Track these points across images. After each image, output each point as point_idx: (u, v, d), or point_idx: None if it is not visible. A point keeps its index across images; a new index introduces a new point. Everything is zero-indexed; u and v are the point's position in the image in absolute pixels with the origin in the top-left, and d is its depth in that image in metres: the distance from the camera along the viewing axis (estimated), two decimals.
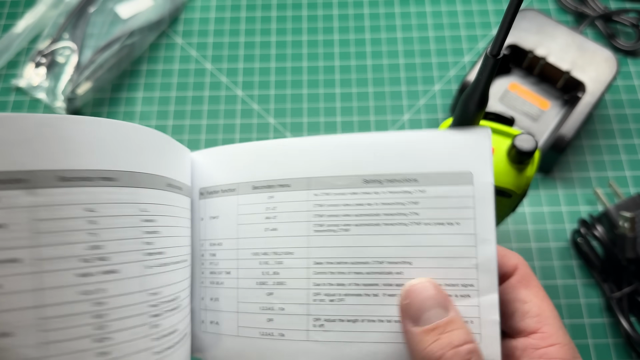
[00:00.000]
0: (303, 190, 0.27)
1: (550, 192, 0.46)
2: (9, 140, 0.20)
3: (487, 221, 0.25)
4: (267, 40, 0.54)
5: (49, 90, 0.51)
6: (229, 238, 0.29)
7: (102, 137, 0.23)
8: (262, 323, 0.27)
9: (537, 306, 0.22)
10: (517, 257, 0.24)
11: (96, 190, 0.22)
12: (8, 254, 0.19)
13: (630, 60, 0.51)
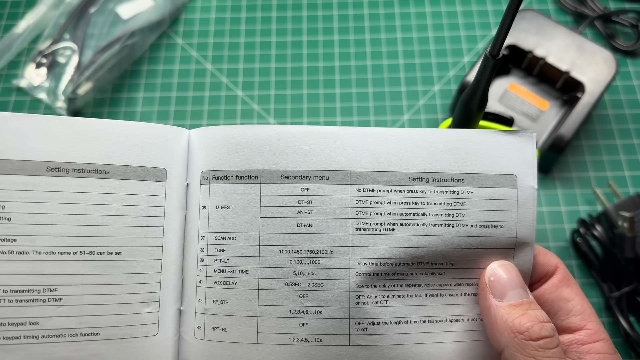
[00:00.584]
0: (344, 184, 0.25)
1: (549, 192, 0.47)
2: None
3: (528, 225, 0.25)
4: (268, 41, 0.54)
5: (49, 91, 0.51)
6: (248, 232, 0.26)
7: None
8: (294, 328, 0.25)
9: (580, 304, 0.23)
10: (556, 258, 0.25)
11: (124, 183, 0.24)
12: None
13: (629, 60, 0.52)
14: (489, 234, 0.25)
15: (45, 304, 0.24)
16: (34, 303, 0.23)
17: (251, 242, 0.26)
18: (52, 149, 0.24)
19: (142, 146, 0.26)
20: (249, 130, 0.26)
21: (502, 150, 0.26)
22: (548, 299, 0.23)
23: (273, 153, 0.26)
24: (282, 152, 0.26)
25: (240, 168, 0.26)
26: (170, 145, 0.26)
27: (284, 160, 0.26)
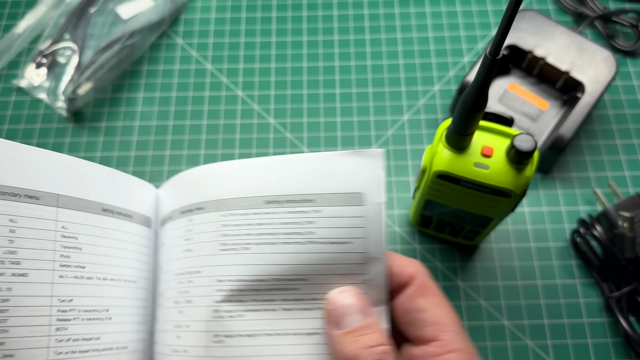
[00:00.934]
0: (214, 211, 0.28)
1: (549, 192, 0.47)
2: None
3: (377, 240, 0.26)
4: (268, 41, 0.54)
5: (49, 91, 0.51)
6: (166, 261, 0.30)
7: (32, 163, 0.26)
8: (173, 340, 0.28)
9: (434, 315, 0.23)
10: (415, 266, 0.24)
11: (19, 205, 0.25)
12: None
13: (629, 60, 0.52)
14: (338, 250, 0.26)
15: (103, 321, 0.27)
16: (96, 321, 0.27)
17: (166, 269, 0.30)
18: (108, 192, 0.30)
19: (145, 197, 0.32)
20: (177, 179, 0.31)
21: (350, 170, 0.27)
22: (403, 309, 0.23)
23: (178, 196, 0.30)
24: (182, 193, 0.30)
25: (166, 212, 0.31)
26: (143, 198, 0.32)
27: (183, 200, 0.30)
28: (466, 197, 0.32)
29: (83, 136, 0.50)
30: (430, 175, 0.32)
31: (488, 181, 0.29)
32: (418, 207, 0.37)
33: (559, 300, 0.43)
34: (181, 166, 0.48)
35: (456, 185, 0.31)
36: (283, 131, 0.50)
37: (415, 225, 0.41)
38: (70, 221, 0.27)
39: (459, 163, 0.30)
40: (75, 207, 0.28)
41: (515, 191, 0.30)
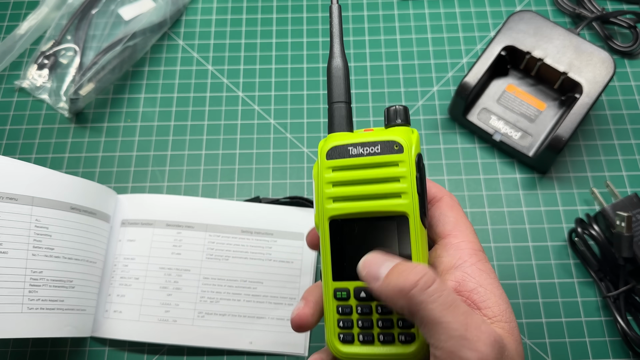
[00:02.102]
0: (202, 231, 0.44)
1: (547, 191, 0.47)
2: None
3: (308, 261, 0.43)
4: (268, 42, 0.54)
5: (51, 91, 0.51)
6: (142, 255, 0.43)
7: (18, 175, 0.37)
8: (161, 313, 0.41)
9: (455, 218, 0.29)
10: (444, 193, 0.30)
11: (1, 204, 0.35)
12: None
13: (627, 61, 0.52)
14: (284, 266, 0.43)
15: (67, 289, 0.38)
16: (61, 289, 0.38)
17: (143, 261, 0.43)
18: (76, 195, 0.40)
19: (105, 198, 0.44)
20: (151, 197, 0.45)
21: (297, 218, 0.45)
22: (433, 215, 0.29)
23: (162, 211, 0.44)
24: (168, 211, 0.44)
25: (142, 218, 0.44)
26: (106, 200, 0.44)
27: (169, 216, 0.44)
28: (363, 181, 0.27)
29: (85, 136, 0.50)
30: (321, 157, 0.28)
31: (375, 137, 0.27)
32: (326, 260, 0.28)
33: (557, 299, 0.43)
34: (182, 166, 0.49)
35: (349, 170, 0.27)
36: (283, 132, 0.50)
37: (334, 345, 0.28)
38: (43, 216, 0.37)
39: (345, 136, 0.28)
40: (47, 206, 0.38)
41: (402, 141, 0.27)
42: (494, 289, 0.27)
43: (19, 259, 0.36)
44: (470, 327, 0.23)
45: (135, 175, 0.48)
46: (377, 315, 0.27)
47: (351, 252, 0.28)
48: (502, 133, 0.47)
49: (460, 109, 0.48)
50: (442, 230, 0.29)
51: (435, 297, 0.23)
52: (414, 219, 0.27)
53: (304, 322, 0.28)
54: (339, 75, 0.31)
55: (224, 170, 0.48)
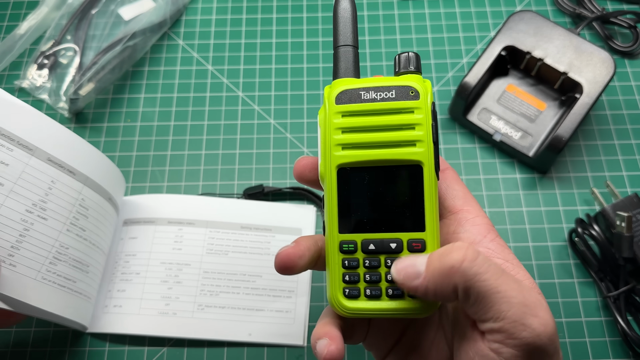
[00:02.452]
0: (203, 227, 0.45)
1: (547, 191, 0.47)
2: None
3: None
4: (268, 42, 0.54)
5: (51, 91, 0.51)
6: (143, 251, 0.44)
7: (88, 158, 0.40)
8: (161, 306, 0.42)
9: (463, 192, 0.28)
10: (446, 165, 0.30)
11: (60, 174, 0.37)
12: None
13: (627, 61, 0.52)
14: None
15: (82, 272, 0.39)
16: (78, 270, 0.39)
17: (145, 257, 0.44)
18: (113, 185, 0.43)
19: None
20: (153, 197, 0.46)
21: (295, 214, 0.46)
22: (442, 187, 0.29)
23: (164, 209, 0.46)
24: (170, 209, 0.46)
25: (144, 217, 0.45)
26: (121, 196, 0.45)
27: (170, 213, 0.45)
28: (376, 128, 0.26)
29: (84, 136, 0.50)
30: (329, 102, 0.26)
31: (388, 82, 0.26)
32: (332, 212, 0.27)
33: (557, 299, 0.43)
34: (182, 166, 0.49)
35: (360, 116, 0.26)
36: (283, 131, 0.50)
37: (339, 301, 0.27)
38: (89, 198, 0.39)
39: (354, 81, 0.27)
40: (95, 190, 0.40)
41: (418, 87, 0.26)
42: (518, 263, 0.26)
43: (54, 229, 0.36)
44: (524, 293, 0.22)
45: (135, 175, 0.48)
46: (385, 269, 0.26)
47: (359, 202, 0.26)
48: (502, 133, 0.47)
49: (461, 109, 0.48)
50: (452, 204, 0.28)
51: (486, 267, 0.22)
52: (429, 169, 0.26)
53: (291, 262, 0.26)
54: (346, 16, 0.28)
55: (224, 171, 0.48)
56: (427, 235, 0.26)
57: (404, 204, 0.26)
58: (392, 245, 0.26)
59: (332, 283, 0.26)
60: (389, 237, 0.26)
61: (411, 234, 0.26)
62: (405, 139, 0.26)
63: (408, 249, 0.26)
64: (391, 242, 0.26)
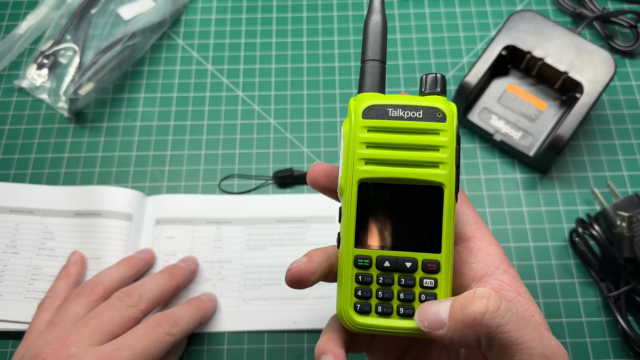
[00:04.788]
0: (240, 225, 0.47)
1: (548, 191, 0.47)
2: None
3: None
4: (268, 42, 0.54)
5: (51, 91, 0.51)
6: (183, 251, 0.45)
7: (36, 194, 0.47)
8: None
9: (474, 217, 0.28)
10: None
11: (21, 217, 0.46)
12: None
13: (627, 61, 0.52)
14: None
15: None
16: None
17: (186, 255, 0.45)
18: (80, 202, 0.47)
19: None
20: (186, 197, 0.47)
21: (324, 203, 0.46)
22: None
23: (201, 209, 0.47)
24: (206, 209, 0.47)
25: (180, 216, 0.47)
26: (124, 202, 0.47)
27: (207, 213, 0.47)
28: (401, 146, 0.26)
29: (84, 136, 0.50)
30: (356, 115, 0.27)
31: (415, 101, 0.26)
32: (349, 225, 0.27)
33: (557, 299, 0.43)
34: (182, 166, 0.48)
35: (386, 133, 0.26)
36: (283, 131, 0.50)
37: (349, 315, 0.27)
38: (51, 223, 0.46)
39: (381, 97, 0.27)
40: (55, 215, 0.46)
41: (445, 109, 0.26)
42: (529, 296, 0.26)
43: (26, 258, 0.44)
44: (544, 342, 0.23)
45: (134, 175, 0.48)
46: (398, 287, 0.26)
47: (378, 219, 0.26)
48: (503, 133, 0.47)
49: (461, 109, 0.48)
50: (464, 231, 0.28)
51: (508, 318, 0.23)
52: (450, 192, 0.26)
53: (302, 278, 0.26)
54: (376, 31, 0.28)
55: (224, 170, 0.48)
56: (443, 257, 0.26)
57: (422, 224, 0.26)
58: (407, 264, 0.26)
59: (344, 297, 0.26)
60: (404, 255, 0.26)
61: (427, 255, 0.26)
62: (430, 160, 0.26)
63: (422, 270, 0.26)
64: (406, 261, 0.26)
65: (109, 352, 0.34)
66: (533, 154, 0.46)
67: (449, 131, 0.26)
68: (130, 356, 0.34)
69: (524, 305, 0.25)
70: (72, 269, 0.42)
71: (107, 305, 0.37)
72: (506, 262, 0.27)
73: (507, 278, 0.26)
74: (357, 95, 0.28)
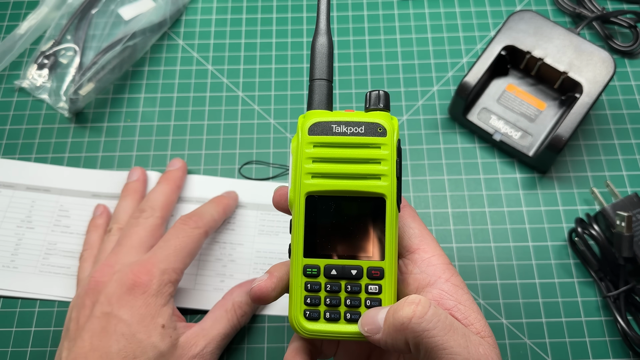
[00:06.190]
0: (254, 210, 0.47)
1: (547, 191, 0.47)
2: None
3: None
4: (268, 42, 0.54)
5: (51, 91, 0.51)
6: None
7: (61, 176, 0.48)
8: (216, 282, 0.44)
9: (419, 230, 0.30)
10: (404, 202, 0.31)
11: (37, 195, 0.48)
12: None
13: (627, 61, 0.52)
14: None
15: (75, 258, 0.45)
16: (69, 258, 0.45)
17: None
18: (92, 186, 0.48)
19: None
20: (204, 178, 0.48)
21: None
22: (399, 225, 0.30)
23: (221, 192, 0.46)
24: (221, 190, 0.47)
25: (195, 196, 0.47)
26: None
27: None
28: (345, 160, 0.27)
29: (84, 136, 0.50)
30: (303, 132, 0.28)
31: (358, 117, 0.28)
32: (298, 236, 0.28)
33: (557, 299, 0.43)
34: None
35: (331, 148, 0.28)
36: (283, 131, 0.50)
37: (299, 322, 0.28)
38: (66, 202, 0.47)
39: (327, 114, 0.28)
40: (71, 195, 0.47)
41: (386, 125, 0.27)
42: (471, 304, 0.27)
43: (40, 233, 0.46)
44: (471, 349, 0.24)
45: None
46: (345, 294, 0.28)
47: (325, 229, 0.28)
48: (502, 133, 0.47)
49: (461, 109, 0.48)
50: (409, 244, 0.29)
51: (435, 323, 0.24)
52: (391, 202, 0.27)
53: (264, 295, 0.29)
54: (323, 52, 0.30)
55: (224, 170, 0.48)
56: (386, 264, 0.28)
57: (366, 234, 0.28)
58: (352, 271, 0.28)
59: (294, 304, 0.28)
60: (350, 263, 0.28)
61: (371, 262, 0.28)
62: (371, 172, 0.27)
63: (367, 276, 0.28)
64: (352, 269, 0.28)
65: (147, 259, 0.37)
66: (532, 153, 0.46)
67: (389, 145, 0.27)
68: (166, 256, 0.38)
69: (464, 314, 0.26)
70: (99, 220, 0.45)
71: (128, 226, 0.41)
72: (449, 271, 0.28)
73: (448, 287, 0.27)
74: (306, 112, 0.29)
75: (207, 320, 0.38)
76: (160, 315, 0.36)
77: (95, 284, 0.37)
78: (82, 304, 0.37)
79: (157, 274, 0.36)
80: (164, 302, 0.36)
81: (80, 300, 0.37)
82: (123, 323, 0.34)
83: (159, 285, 0.36)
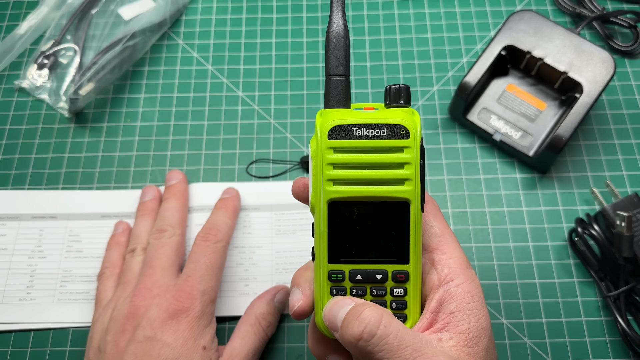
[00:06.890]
0: (268, 211, 0.47)
1: (547, 191, 0.47)
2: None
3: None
4: (268, 42, 0.54)
5: (51, 91, 0.51)
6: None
7: (64, 201, 0.48)
8: (241, 287, 0.44)
9: (440, 229, 0.29)
10: (427, 197, 0.30)
11: (44, 223, 0.47)
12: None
13: (627, 60, 0.52)
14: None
15: (93, 282, 0.44)
16: (87, 282, 0.44)
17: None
18: (106, 205, 0.47)
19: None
20: (208, 185, 0.48)
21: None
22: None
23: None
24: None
25: (208, 204, 0.46)
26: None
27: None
28: (367, 165, 0.27)
29: (84, 136, 0.50)
30: (322, 136, 0.27)
31: (380, 119, 0.27)
32: (321, 243, 0.28)
33: (557, 299, 0.43)
34: (182, 166, 0.49)
35: (352, 153, 0.27)
36: (283, 131, 0.50)
37: (327, 329, 0.28)
38: (75, 227, 0.46)
39: (346, 115, 0.27)
40: (79, 218, 0.47)
41: (408, 125, 0.27)
42: (473, 314, 0.27)
43: (54, 262, 0.45)
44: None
45: (135, 175, 0.48)
46: (370, 297, 0.28)
47: (348, 235, 0.28)
48: (502, 133, 0.47)
49: (461, 109, 0.48)
50: (428, 243, 0.29)
51: (381, 346, 0.24)
52: (415, 206, 0.27)
53: (306, 314, 0.29)
54: (338, 44, 0.30)
55: (224, 170, 0.48)
56: (411, 267, 0.28)
57: (390, 238, 0.27)
58: (377, 276, 0.28)
59: (321, 309, 0.28)
60: (375, 268, 0.28)
61: (396, 266, 0.28)
62: (395, 177, 0.27)
63: (392, 280, 0.28)
64: (377, 274, 0.28)
65: (184, 282, 0.38)
66: (532, 153, 0.46)
67: (412, 147, 0.27)
68: (201, 277, 0.38)
69: (459, 321, 0.27)
70: (121, 238, 0.44)
71: (154, 247, 0.40)
72: (464, 275, 0.28)
73: (457, 292, 0.27)
74: (323, 110, 0.28)
75: (236, 340, 0.39)
76: (203, 336, 0.36)
77: (136, 308, 0.37)
78: (122, 329, 0.36)
79: (199, 296, 0.37)
80: (207, 322, 0.37)
81: (119, 325, 0.37)
82: (167, 347, 0.35)
83: (202, 307, 0.37)
